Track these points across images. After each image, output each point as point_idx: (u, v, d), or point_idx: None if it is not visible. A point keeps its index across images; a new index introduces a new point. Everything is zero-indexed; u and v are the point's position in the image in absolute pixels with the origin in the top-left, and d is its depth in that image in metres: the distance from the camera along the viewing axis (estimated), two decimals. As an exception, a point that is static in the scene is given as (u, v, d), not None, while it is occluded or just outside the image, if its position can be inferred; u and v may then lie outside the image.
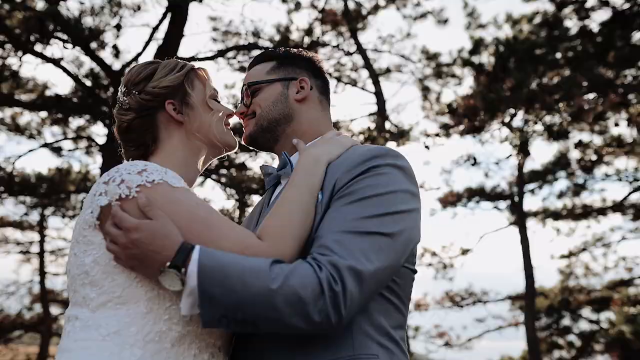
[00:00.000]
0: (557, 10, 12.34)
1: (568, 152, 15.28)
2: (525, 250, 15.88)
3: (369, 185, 1.64)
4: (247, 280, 1.45)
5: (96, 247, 1.60)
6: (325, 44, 13.06)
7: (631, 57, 11.44)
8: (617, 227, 17.63)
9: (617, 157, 14.87)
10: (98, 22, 7.66)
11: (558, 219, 17.21)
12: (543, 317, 15.43)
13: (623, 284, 16.05)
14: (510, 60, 11.75)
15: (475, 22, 15.03)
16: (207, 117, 1.88)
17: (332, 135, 1.92)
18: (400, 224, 1.62)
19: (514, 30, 14.12)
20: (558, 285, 16.30)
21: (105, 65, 8.43)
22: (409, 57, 14.42)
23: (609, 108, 9.71)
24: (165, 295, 1.57)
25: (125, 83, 1.89)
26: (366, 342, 1.62)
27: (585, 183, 16.82)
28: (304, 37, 12.65)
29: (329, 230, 1.58)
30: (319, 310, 1.46)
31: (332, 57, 13.88)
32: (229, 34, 11.98)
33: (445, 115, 15.23)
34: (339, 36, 13.42)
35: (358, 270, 1.50)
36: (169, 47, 8.41)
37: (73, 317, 1.60)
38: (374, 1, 13.76)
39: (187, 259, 1.47)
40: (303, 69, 2.04)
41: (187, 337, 1.58)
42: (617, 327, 9.44)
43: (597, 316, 15.25)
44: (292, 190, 1.67)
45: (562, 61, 11.88)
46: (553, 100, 8.93)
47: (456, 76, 14.01)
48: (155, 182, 1.58)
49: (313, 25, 12.89)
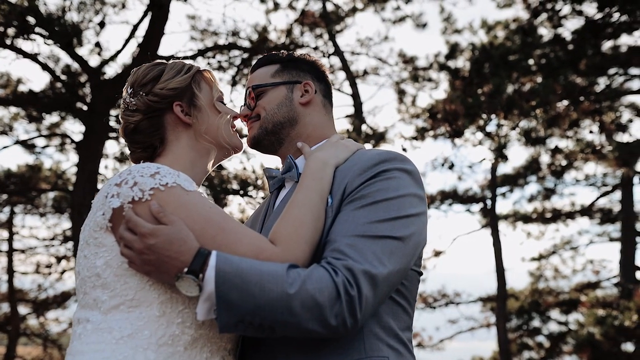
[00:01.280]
0: (532, 17, 12.56)
1: (540, 156, 15.57)
2: (497, 252, 16.13)
3: (379, 190, 1.65)
4: (265, 285, 1.46)
5: (108, 250, 1.59)
6: (303, 46, 13.07)
7: (602, 65, 11.72)
8: (584, 231, 18.05)
9: (587, 162, 15.21)
10: (81, 19, 7.57)
11: (528, 222, 17.50)
12: (514, 319, 15.69)
13: (590, 287, 16.44)
14: (485, 66, 11.93)
15: (451, 27, 15.20)
16: (215, 120, 1.88)
17: (337, 139, 1.94)
18: (410, 228, 1.65)
19: (488, 36, 14.34)
20: (528, 287, 16.61)
21: (83, 62, 8.32)
22: (386, 60, 14.52)
23: (582, 115, 9.95)
24: (178, 299, 1.57)
25: (131, 84, 1.88)
26: (376, 344, 1.64)
27: (555, 187, 17.15)
28: (282, 37, 12.64)
29: (342, 234, 1.59)
30: (336, 314, 1.48)
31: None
32: (207, 33, 11.90)
33: (420, 118, 15.43)
34: (317, 38, 13.44)
35: (372, 274, 1.52)
36: (149, 45, 8.33)
37: (84, 319, 1.58)
38: (351, 3, 13.83)
39: (204, 264, 1.48)
40: (307, 72, 2.05)
41: (199, 341, 1.58)
42: (587, 329, 9.67)
43: (565, 318, 15.59)
44: (302, 194, 1.67)
45: (535, 68, 12.12)
46: (530, 106, 9.12)
47: (432, 80, 14.18)
48: (168, 186, 1.58)
49: (291, 26, 12.89)
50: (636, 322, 8.75)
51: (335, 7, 13.82)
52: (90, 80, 8.57)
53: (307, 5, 12.17)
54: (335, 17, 13.52)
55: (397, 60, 14.41)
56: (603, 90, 10.40)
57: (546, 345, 15.34)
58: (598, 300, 11.81)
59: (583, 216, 17.38)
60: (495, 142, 9.74)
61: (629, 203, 15.40)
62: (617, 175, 15.91)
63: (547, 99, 8.51)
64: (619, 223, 16.23)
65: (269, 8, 13.24)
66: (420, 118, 15.65)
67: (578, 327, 12.20)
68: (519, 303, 15.51)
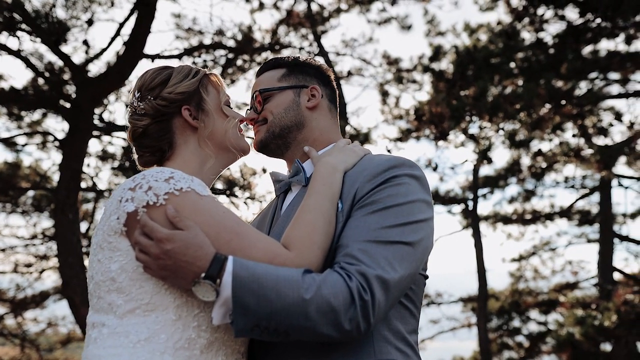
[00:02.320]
0: (514, 21, 12.69)
1: (520, 158, 15.75)
2: (478, 253, 16.30)
3: (389, 195, 1.68)
4: (281, 290, 1.48)
5: (123, 254, 1.59)
6: (289, 46, 13.07)
7: (583, 69, 11.91)
8: (563, 232, 18.32)
9: (566, 164, 15.42)
10: (68, 16, 7.48)
11: (508, 223, 17.71)
12: (494, 319, 15.87)
13: (569, 287, 16.69)
14: (468, 68, 12.05)
15: (435, 30, 15.34)
16: (223, 123, 1.89)
17: (344, 144, 1.97)
18: (420, 233, 1.68)
19: (471, 38, 14.49)
20: (509, 287, 16.81)
21: (68, 60, 8.22)
22: (370, 62, 14.57)
23: (564, 119, 10.10)
24: (193, 303, 1.58)
25: (138, 88, 1.88)
26: (386, 348, 1.67)
27: (535, 189, 17.37)
28: (267, 37, 12.63)
29: (354, 239, 1.62)
30: (350, 318, 1.50)
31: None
32: (192, 32, 11.85)
33: (403, 120, 15.52)
34: (302, 38, 13.44)
35: (385, 279, 1.55)
36: (135, 43, 8.25)
37: (99, 323, 1.59)
38: (336, 4, 13.85)
39: (221, 269, 1.49)
40: (313, 76, 2.07)
41: (214, 344, 1.60)
42: (567, 329, 9.82)
43: (544, 318, 15.81)
44: (313, 199, 1.69)
45: (517, 71, 12.27)
46: (514, 109, 9.24)
47: (416, 82, 14.27)
48: (183, 190, 1.59)
49: (276, 26, 12.88)
50: (616, 322, 8.92)
51: (320, 7, 13.84)
52: (75, 78, 8.48)
53: (293, 6, 12.17)
54: (319, 17, 13.53)
55: (382, 62, 14.48)
56: (585, 94, 10.57)
57: (526, 345, 15.54)
58: (578, 301, 12.00)
59: (562, 218, 17.63)
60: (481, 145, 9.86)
61: (607, 205, 15.65)
62: (595, 178, 16.17)
63: (530, 103, 8.63)
64: (597, 225, 16.49)
65: (254, 7, 13.23)
66: (404, 119, 15.77)
67: (557, 327, 12.38)
68: (500, 303, 15.69)
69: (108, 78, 8.49)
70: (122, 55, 8.41)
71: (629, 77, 13.55)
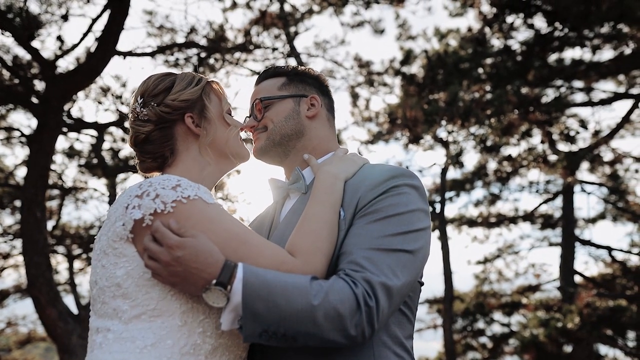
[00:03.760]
0: (484, 26, 12.91)
1: (487, 163, 16.05)
2: (445, 256, 16.52)
3: (391, 205, 1.73)
4: (290, 297, 1.51)
5: (129, 260, 1.60)
6: (260, 46, 13.05)
7: (549, 77, 12.22)
8: (526, 236, 18.73)
9: (530, 169, 15.78)
10: (42, 12, 7.33)
11: (473, 226, 18.02)
12: (459, 320, 16.13)
13: (531, 290, 17.08)
14: (438, 73, 12.23)
15: (406, 34, 15.50)
16: (225, 131, 1.91)
17: (343, 153, 2.01)
18: (419, 242, 1.73)
19: (441, 43, 14.70)
20: (474, 289, 17.11)
21: (38, 55, 8.05)
22: (341, 64, 14.64)
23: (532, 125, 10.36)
24: (198, 308, 1.60)
25: (141, 94, 1.88)
26: (385, 352, 1.71)
27: (500, 193, 17.70)
28: (240, 37, 12.59)
29: (357, 247, 1.66)
30: (355, 324, 1.54)
31: (267, 58, 13.88)
32: (164, 29, 11.73)
33: (372, 122, 15.66)
34: (275, 39, 13.43)
35: (388, 286, 1.59)
36: (108, 40, 8.13)
37: (104, 328, 1.59)
38: (308, 5, 13.88)
39: (231, 276, 1.51)
40: (312, 86, 2.10)
41: (218, 350, 1.62)
42: (531, 331, 10.06)
43: (508, 319, 16.15)
44: (317, 208, 1.73)
45: (485, 77, 12.51)
46: (485, 115, 9.44)
47: (387, 85, 14.40)
48: (190, 198, 1.60)
49: (248, 25, 12.84)
50: (578, 324, 9.17)
51: (293, 8, 13.85)
52: (44, 73, 8.31)
53: (269, 7, 12.15)
54: (292, 18, 13.54)
55: (353, 64, 14.56)
56: (551, 101, 10.85)
57: (489, 345, 15.83)
58: (541, 303, 12.30)
59: (525, 221, 18.00)
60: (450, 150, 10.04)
61: (569, 209, 16.06)
62: (558, 183, 16.58)
63: (501, 109, 8.83)
64: (559, 229, 16.90)
65: (226, 6, 13.17)
66: (373, 122, 15.90)
67: (521, 328, 12.66)
68: (465, 305, 15.96)
69: (79, 74, 8.35)
70: (94, 52, 8.28)
71: (592, 86, 13.96)
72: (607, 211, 16.68)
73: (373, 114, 15.81)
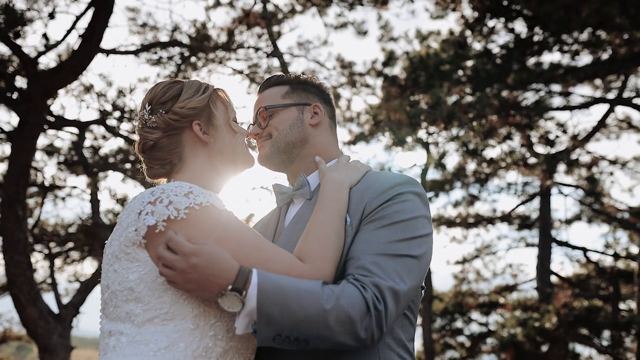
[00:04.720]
0: (465, 29, 13.06)
1: (467, 164, 16.24)
2: (425, 256, 16.66)
3: (396, 211, 1.79)
4: (304, 301, 1.56)
5: (142, 265, 1.63)
6: (243, 45, 13.04)
7: (529, 80, 12.42)
8: (504, 236, 19.01)
9: (509, 171, 16.01)
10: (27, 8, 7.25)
11: (452, 226, 18.23)
12: (438, 320, 16.33)
13: (508, 290, 17.35)
14: (420, 75, 12.35)
15: (388, 35, 15.60)
16: (231, 139, 1.95)
17: (347, 161, 2.06)
18: (423, 247, 1.79)
19: (422, 45, 14.83)
20: (452, 289, 17.32)
21: (20, 51, 7.96)
22: (324, 64, 14.70)
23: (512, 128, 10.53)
24: (210, 312, 1.64)
25: (149, 101, 1.91)
26: (389, 355, 1.78)
27: (479, 194, 17.93)
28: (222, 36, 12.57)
29: (365, 252, 1.72)
30: (365, 328, 1.60)
31: (249, 58, 13.88)
32: (147, 27, 11.67)
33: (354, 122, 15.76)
34: (258, 38, 13.44)
35: (396, 290, 1.66)
36: (92, 37, 8.07)
37: (116, 332, 1.62)
38: (290, 5, 13.91)
39: (246, 282, 1.56)
40: (315, 94, 2.16)
41: (229, 353, 1.66)
42: (509, 330, 10.23)
43: (485, 319, 16.39)
44: (323, 215, 1.78)
45: (465, 79, 12.67)
46: (468, 118, 9.58)
47: (369, 86, 14.50)
48: (203, 205, 1.64)
49: (231, 24, 12.83)
50: (555, 324, 9.35)
51: (276, 7, 13.87)
52: (26, 70, 8.22)
53: (252, 8, 12.15)
54: (274, 18, 13.56)
55: (335, 65, 14.65)
56: (531, 105, 11.03)
57: (467, 344, 16.04)
58: (519, 303, 12.50)
59: (503, 222, 18.27)
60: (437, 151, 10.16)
61: (546, 211, 16.34)
62: (536, 185, 16.86)
63: (483, 112, 8.97)
64: (536, 229, 17.18)
65: (209, 4, 13.14)
66: (354, 122, 15.99)
67: (499, 328, 12.86)
68: (443, 304, 16.14)
69: (62, 71, 8.28)
70: (78, 49, 8.22)
71: (570, 90, 14.21)
72: (583, 213, 17.02)
73: (355, 115, 15.92)
